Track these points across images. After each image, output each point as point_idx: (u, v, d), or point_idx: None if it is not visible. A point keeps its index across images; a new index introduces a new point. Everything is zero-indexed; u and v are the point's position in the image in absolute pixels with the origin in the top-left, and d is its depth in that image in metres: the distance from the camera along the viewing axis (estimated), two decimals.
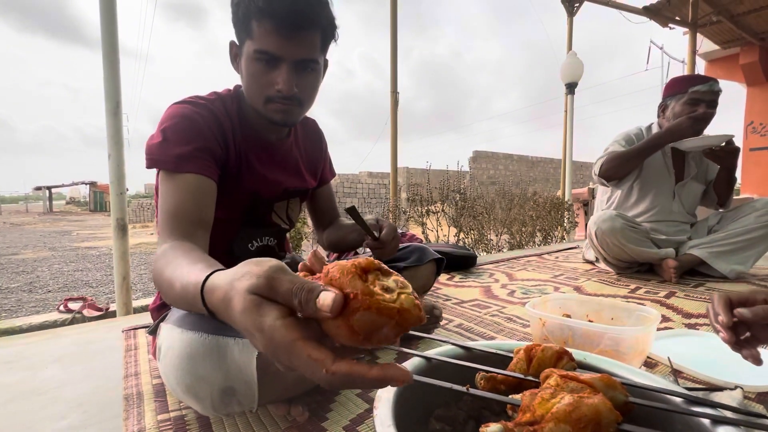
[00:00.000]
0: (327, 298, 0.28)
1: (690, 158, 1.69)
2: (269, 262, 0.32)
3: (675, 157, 1.68)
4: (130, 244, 1.69)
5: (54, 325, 1.63)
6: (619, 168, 1.60)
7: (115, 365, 0.85)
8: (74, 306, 1.82)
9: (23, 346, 1.00)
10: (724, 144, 1.49)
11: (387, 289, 0.31)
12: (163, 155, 0.65)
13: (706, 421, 0.35)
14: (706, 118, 1.48)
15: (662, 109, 1.67)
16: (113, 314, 1.74)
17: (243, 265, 0.33)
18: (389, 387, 0.41)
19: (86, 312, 1.77)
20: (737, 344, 0.47)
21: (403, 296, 0.30)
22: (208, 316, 0.49)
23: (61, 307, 1.82)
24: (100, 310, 1.82)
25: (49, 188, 23.58)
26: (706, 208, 1.78)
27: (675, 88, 1.60)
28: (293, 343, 0.28)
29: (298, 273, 0.33)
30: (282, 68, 0.66)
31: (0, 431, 0.62)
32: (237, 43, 0.70)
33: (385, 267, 0.33)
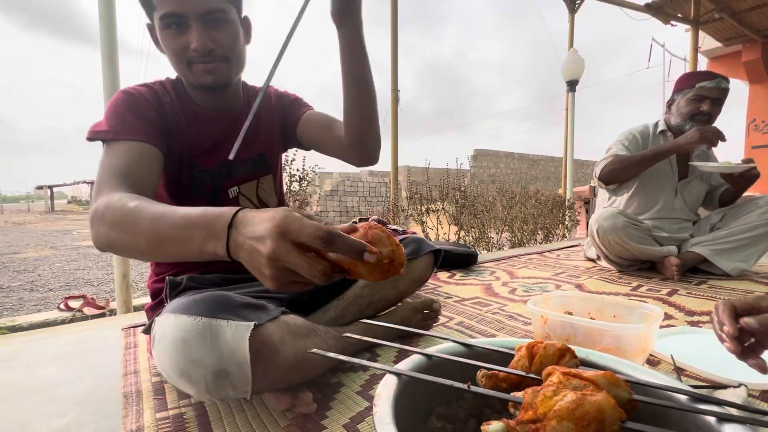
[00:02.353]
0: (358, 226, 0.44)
1: (694, 157, 1.68)
2: (289, 211, 0.40)
3: (679, 155, 1.67)
4: None
5: (55, 323, 1.63)
6: (620, 173, 1.59)
7: (114, 363, 0.85)
8: (74, 304, 1.82)
9: (21, 345, 1.00)
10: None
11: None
12: (101, 127, 0.66)
13: (712, 419, 0.35)
14: (717, 138, 1.42)
15: (669, 104, 1.66)
16: (113, 312, 1.74)
17: (274, 211, 0.41)
18: (389, 386, 0.41)
19: (86, 310, 1.77)
20: (742, 353, 0.47)
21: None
22: (201, 300, 0.52)
23: (62, 305, 1.82)
24: (100, 308, 1.82)
25: (50, 187, 23.62)
26: (708, 211, 1.77)
27: (682, 83, 1.59)
28: (300, 259, 0.38)
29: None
30: (191, 26, 0.67)
31: None
32: (149, 21, 0.71)
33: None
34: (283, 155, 1.12)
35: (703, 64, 5.91)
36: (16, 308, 2.84)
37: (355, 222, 0.79)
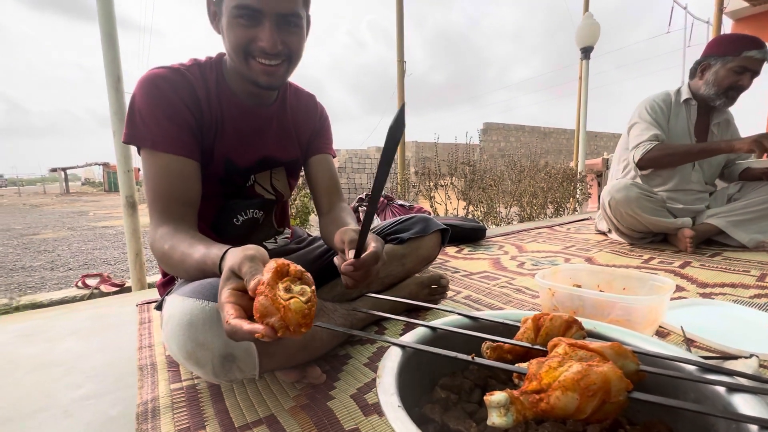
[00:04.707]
0: (252, 283, 0.43)
1: (713, 126, 1.60)
2: (247, 251, 0.47)
3: (698, 123, 1.60)
4: (142, 222, 1.71)
5: (73, 300, 1.69)
6: (662, 163, 1.53)
7: (129, 338, 0.88)
8: (91, 282, 1.88)
9: (42, 320, 1.03)
10: None
11: (289, 290, 0.42)
12: (139, 131, 0.65)
13: (721, 390, 0.34)
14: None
15: (702, 68, 1.51)
16: (129, 289, 1.79)
17: (241, 249, 0.48)
18: (393, 357, 0.41)
19: (103, 287, 1.82)
20: None
21: (293, 300, 0.41)
22: (208, 283, 0.55)
23: (79, 283, 1.88)
24: (116, 285, 1.87)
25: (64, 170, 24.00)
26: (725, 183, 1.71)
27: (724, 47, 1.43)
28: (225, 303, 0.43)
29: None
30: (265, 24, 0.63)
31: (22, 399, 0.65)
32: (214, 0, 0.67)
33: (308, 276, 0.45)
34: None
35: (727, 26, 5.58)
36: (38, 287, 2.95)
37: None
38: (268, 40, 0.63)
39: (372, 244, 0.58)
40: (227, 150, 0.74)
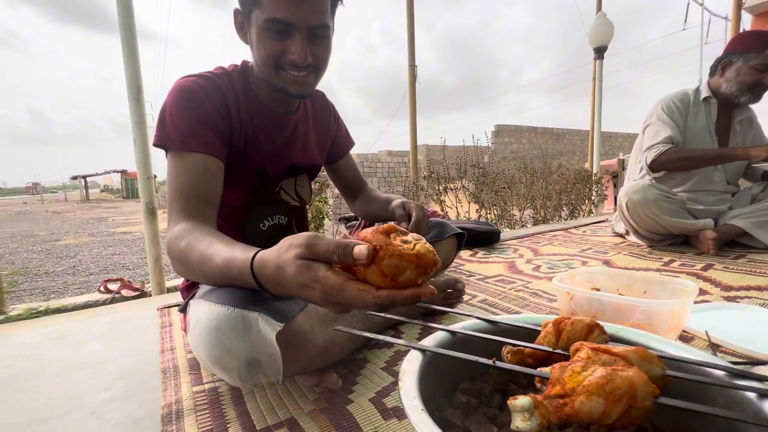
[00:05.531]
0: (361, 248, 0.38)
1: (736, 123, 1.56)
2: (304, 234, 0.42)
3: (720, 122, 1.56)
4: (161, 228, 1.75)
5: (96, 304, 1.73)
6: (676, 166, 1.50)
7: (151, 341, 0.90)
8: (113, 287, 1.92)
9: (68, 324, 1.07)
10: None
11: (405, 242, 0.40)
12: (168, 133, 0.66)
13: (752, 396, 0.33)
14: None
15: (723, 66, 1.47)
16: (149, 294, 1.83)
17: (283, 242, 0.43)
18: (413, 361, 0.41)
19: (124, 292, 1.87)
20: None
21: (418, 245, 0.39)
22: (235, 290, 0.52)
23: (101, 288, 1.93)
24: (136, 290, 1.91)
25: (84, 177, 24.71)
26: (749, 182, 1.66)
27: (747, 44, 1.39)
28: (344, 282, 0.39)
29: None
30: (295, 37, 0.64)
31: (53, 401, 0.67)
32: (241, 10, 0.68)
33: (402, 228, 0.42)
34: None
35: (747, 22, 5.43)
36: (61, 291, 3.04)
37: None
38: (299, 53, 0.64)
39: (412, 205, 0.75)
40: (261, 159, 0.76)
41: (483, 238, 1.81)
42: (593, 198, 3.78)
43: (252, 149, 0.74)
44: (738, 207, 1.55)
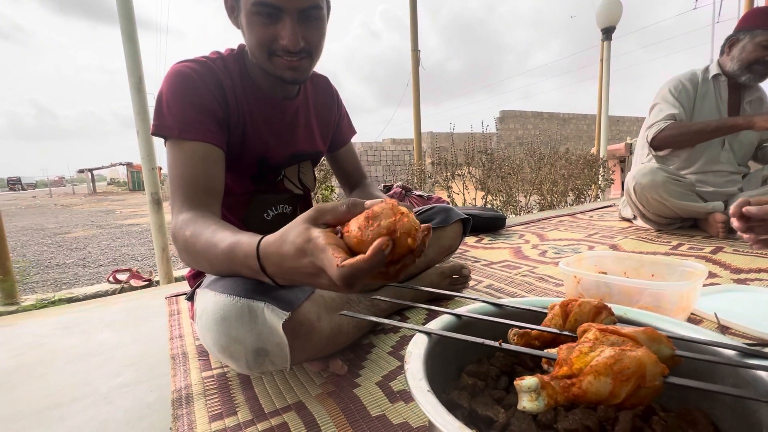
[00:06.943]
0: (368, 201, 0.40)
1: (745, 104, 1.52)
2: (306, 213, 0.42)
3: (730, 101, 1.51)
4: (167, 218, 1.77)
5: (106, 294, 1.76)
6: (676, 142, 1.45)
7: (160, 329, 0.91)
8: (122, 277, 1.95)
9: (78, 314, 1.08)
10: None
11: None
12: (165, 121, 0.65)
13: (764, 374, 0.33)
14: None
15: (730, 44, 1.43)
16: (157, 283, 1.86)
17: (291, 222, 0.43)
18: (419, 344, 0.41)
19: (133, 282, 1.89)
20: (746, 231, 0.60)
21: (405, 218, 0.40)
22: (240, 279, 0.52)
23: (110, 278, 1.96)
24: (145, 280, 1.94)
25: (91, 171, 24.89)
26: (759, 165, 1.62)
27: (753, 20, 1.35)
28: (326, 245, 0.38)
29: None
30: (285, 20, 0.62)
31: (65, 388, 0.69)
32: None
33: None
34: None
35: None
36: (72, 282, 3.09)
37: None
38: (290, 38, 0.62)
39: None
40: (261, 147, 0.74)
41: (488, 225, 1.80)
42: (600, 183, 3.73)
43: (251, 136, 0.73)
44: (749, 189, 1.52)
